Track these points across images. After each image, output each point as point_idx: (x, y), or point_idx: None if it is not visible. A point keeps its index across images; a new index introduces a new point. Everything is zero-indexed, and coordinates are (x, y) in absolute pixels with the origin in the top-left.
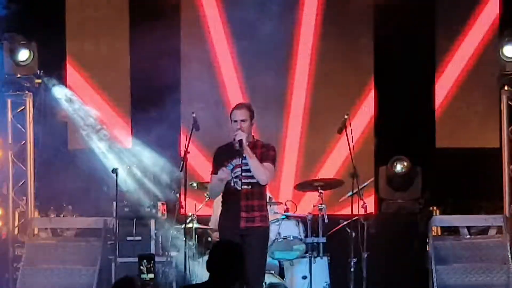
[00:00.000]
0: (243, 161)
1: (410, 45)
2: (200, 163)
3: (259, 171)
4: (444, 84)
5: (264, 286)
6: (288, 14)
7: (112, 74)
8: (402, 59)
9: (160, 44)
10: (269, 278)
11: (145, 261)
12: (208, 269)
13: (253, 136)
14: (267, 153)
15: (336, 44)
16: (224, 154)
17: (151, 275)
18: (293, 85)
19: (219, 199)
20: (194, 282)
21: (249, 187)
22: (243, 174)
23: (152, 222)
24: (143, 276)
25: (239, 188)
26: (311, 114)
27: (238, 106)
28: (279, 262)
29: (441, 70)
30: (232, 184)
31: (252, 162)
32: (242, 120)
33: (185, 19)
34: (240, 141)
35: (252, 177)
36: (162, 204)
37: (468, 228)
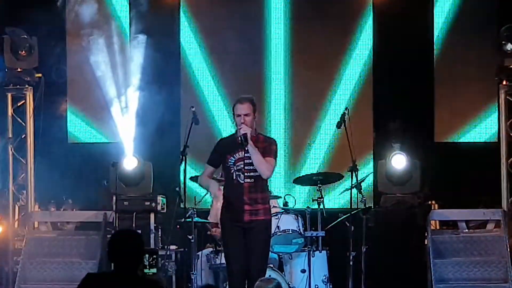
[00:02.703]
0: (246, 154)
1: (409, 39)
2: (199, 156)
3: (262, 165)
4: (443, 78)
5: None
6: (285, 8)
7: (112, 68)
8: (401, 53)
9: (159, 36)
10: (267, 272)
11: (147, 255)
12: (110, 259)
13: (255, 129)
14: (269, 147)
15: (335, 38)
16: (226, 147)
17: (154, 270)
18: (292, 78)
19: (219, 192)
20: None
21: (252, 180)
22: (246, 167)
23: (152, 215)
24: (146, 270)
25: (242, 182)
26: (310, 108)
27: (241, 100)
28: (278, 255)
29: (440, 64)
30: (234, 177)
31: (255, 157)
32: (246, 115)
33: (185, 11)
34: (245, 135)
35: (254, 170)
36: (162, 197)
37: (467, 222)
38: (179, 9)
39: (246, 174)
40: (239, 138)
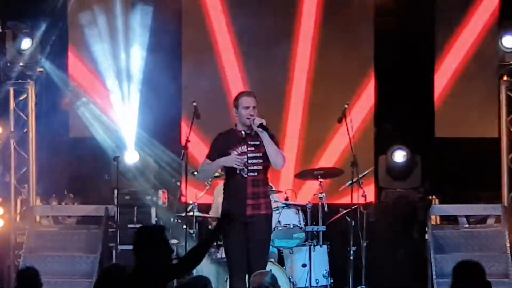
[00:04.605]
0: (249, 148)
1: (409, 35)
2: (201, 151)
3: (278, 155)
4: (444, 74)
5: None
6: (289, 5)
7: (114, 62)
8: (401, 49)
9: (161, 32)
10: (268, 266)
11: None
12: (134, 253)
13: None
14: (273, 140)
15: (336, 34)
16: (226, 142)
17: None
18: (293, 74)
19: (220, 187)
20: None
21: (255, 174)
22: (249, 161)
23: (153, 210)
24: None
25: (245, 176)
26: (312, 104)
27: (249, 93)
28: (279, 250)
29: (441, 60)
30: (238, 171)
31: (272, 147)
32: (254, 107)
33: (186, 7)
34: (262, 124)
35: (257, 164)
36: (163, 192)
37: (467, 217)
38: (182, 4)
39: (249, 168)
40: (259, 127)
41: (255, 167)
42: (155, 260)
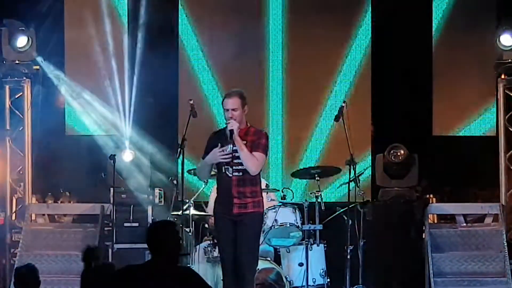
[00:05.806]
0: (234, 148)
1: (407, 32)
2: (197, 150)
3: (249, 161)
4: (441, 72)
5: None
6: (284, 1)
7: (110, 60)
8: (399, 46)
9: (158, 30)
10: (264, 265)
11: None
12: (149, 248)
13: (246, 122)
14: (258, 141)
15: (333, 30)
16: (217, 141)
17: None
18: (291, 74)
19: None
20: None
21: (240, 174)
22: (234, 161)
23: (149, 208)
24: None
25: (230, 175)
26: (309, 103)
27: (229, 95)
28: (276, 249)
29: (439, 58)
30: (223, 171)
31: (242, 153)
32: (233, 109)
33: (183, 4)
34: (231, 131)
35: (242, 164)
36: (159, 190)
37: (465, 216)
38: (178, 2)
39: (234, 167)
40: (227, 134)
41: (240, 167)
42: (167, 253)
